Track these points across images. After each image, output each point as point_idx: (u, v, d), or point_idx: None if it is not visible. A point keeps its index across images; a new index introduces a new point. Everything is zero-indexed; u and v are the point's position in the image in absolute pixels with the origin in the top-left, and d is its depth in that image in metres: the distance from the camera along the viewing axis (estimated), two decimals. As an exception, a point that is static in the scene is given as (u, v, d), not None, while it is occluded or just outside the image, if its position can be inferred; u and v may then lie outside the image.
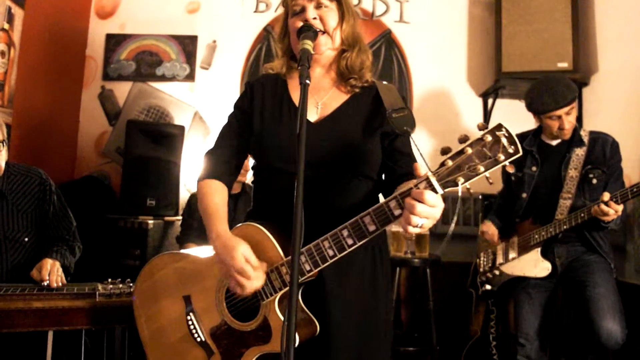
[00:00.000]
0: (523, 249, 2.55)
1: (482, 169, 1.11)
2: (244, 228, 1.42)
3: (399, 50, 3.88)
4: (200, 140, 3.82)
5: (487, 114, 3.75)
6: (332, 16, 1.50)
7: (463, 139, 1.13)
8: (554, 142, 2.61)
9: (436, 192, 1.14)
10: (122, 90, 3.91)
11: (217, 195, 1.51)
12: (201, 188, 1.54)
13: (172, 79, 3.90)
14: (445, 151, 1.14)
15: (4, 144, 2.08)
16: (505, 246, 2.65)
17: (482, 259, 2.80)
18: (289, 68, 1.59)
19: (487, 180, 1.14)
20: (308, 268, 1.32)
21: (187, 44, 3.90)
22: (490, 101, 3.74)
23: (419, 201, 1.13)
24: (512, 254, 2.59)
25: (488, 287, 2.73)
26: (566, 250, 2.51)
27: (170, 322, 1.52)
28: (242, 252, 1.32)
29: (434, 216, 1.15)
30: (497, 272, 2.67)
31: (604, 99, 3.36)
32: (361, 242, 1.27)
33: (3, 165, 2.10)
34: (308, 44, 1.36)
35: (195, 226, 3.11)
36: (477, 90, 3.83)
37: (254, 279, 1.33)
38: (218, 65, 3.92)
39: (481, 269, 2.79)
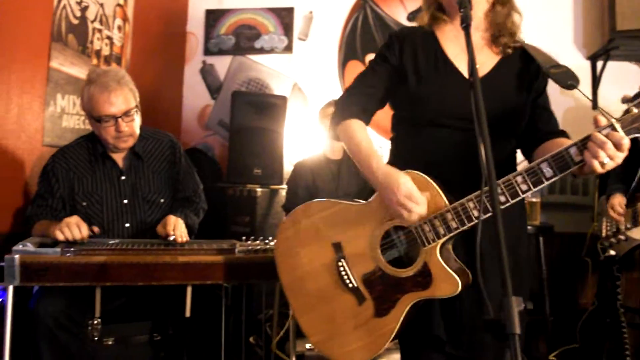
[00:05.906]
0: (654, 213, 2.42)
1: None
2: (406, 175, 1.42)
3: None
4: (300, 110, 3.86)
5: (595, 78, 3.54)
6: None
7: (627, 99, 1.16)
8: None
9: None
10: (222, 64, 4.01)
11: (364, 132, 1.51)
12: (345, 129, 1.52)
13: (271, 51, 3.96)
14: (627, 99, 1.15)
15: (138, 109, 2.16)
16: (633, 211, 2.52)
17: (605, 223, 2.68)
18: (436, 18, 1.55)
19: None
20: (476, 214, 1.31)
21: (284, 16, 3.93)
22: (599, 64, 3.54)
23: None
24: (641, 218, 2.47)
25: (612, 252, 2.62)
26: None
27: (317, 268, 1.53)
28: (408, 179, 1.35)
29: (617, 159, 1.16)
30: (622, 237, 2.55)
31: None
32: (536, 188, 1.26)
33: (138, 131, 2.17)
34: None
35: (300, 194, 3.16)
36: (585, 52, 3.63)
37: (422, 204, 1.34)
38: (315, 36, 3.93)
39: (604, 234, 2.67)
